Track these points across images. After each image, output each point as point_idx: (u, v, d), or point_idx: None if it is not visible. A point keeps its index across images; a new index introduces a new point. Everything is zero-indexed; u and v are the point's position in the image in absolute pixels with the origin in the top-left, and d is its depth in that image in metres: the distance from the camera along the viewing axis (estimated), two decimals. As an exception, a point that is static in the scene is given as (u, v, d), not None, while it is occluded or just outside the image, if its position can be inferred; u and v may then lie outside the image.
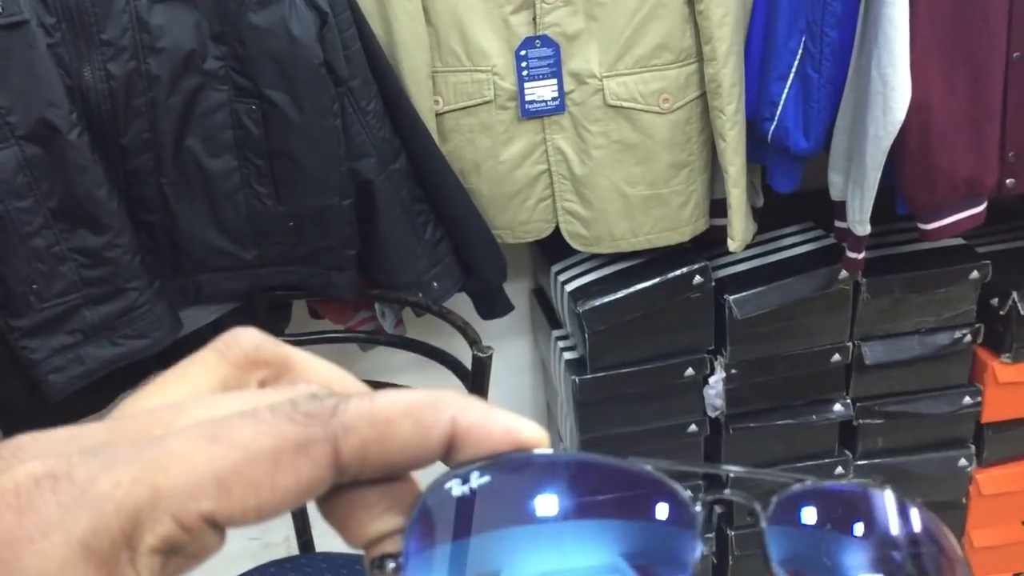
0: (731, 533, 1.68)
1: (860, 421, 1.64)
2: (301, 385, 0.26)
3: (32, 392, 1.26)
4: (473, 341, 1.26)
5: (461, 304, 1.51)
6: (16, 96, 1.14)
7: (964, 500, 1.72)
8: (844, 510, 0.31)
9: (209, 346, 0.27)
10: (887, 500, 0.31)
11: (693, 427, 1.63)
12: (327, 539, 1.51)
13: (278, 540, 1.90)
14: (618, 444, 1.60)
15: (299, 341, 1.53)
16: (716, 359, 1.59)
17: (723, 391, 1.59)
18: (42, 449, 0.23)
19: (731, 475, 0.33)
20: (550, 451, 0.27)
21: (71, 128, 1.16)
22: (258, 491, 0.23)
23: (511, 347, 1.86)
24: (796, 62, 1.33)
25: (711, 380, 1.60)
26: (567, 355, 1.63)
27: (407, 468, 0.26)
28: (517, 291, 1.74)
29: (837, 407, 1.63)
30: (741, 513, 1.63)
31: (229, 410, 0.24)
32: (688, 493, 0.28)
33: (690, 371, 1.58)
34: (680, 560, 0.28)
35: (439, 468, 0.26)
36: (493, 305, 1.57)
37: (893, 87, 1.24)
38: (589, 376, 1.56)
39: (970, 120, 1.29)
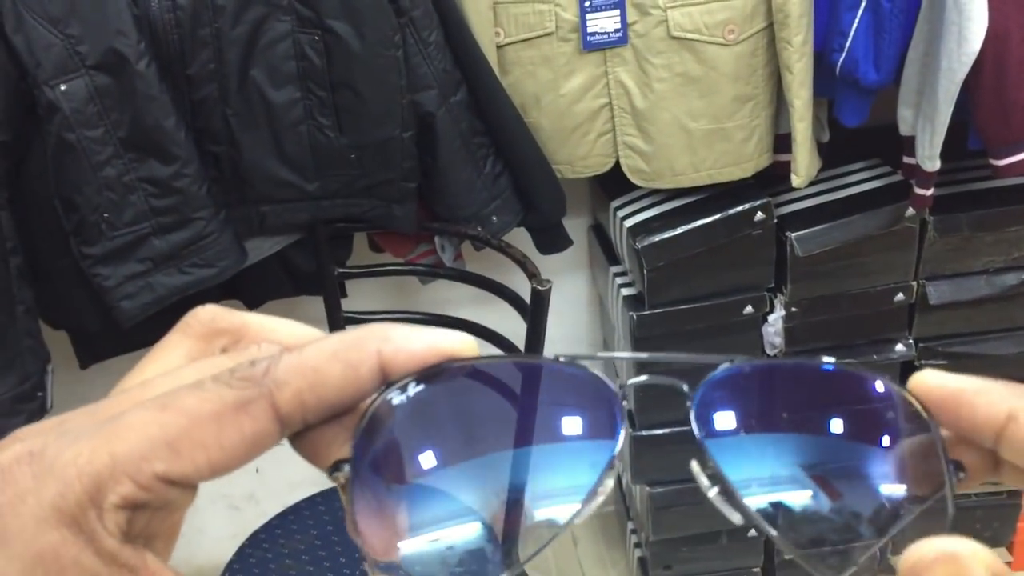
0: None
1: (922, 361, 1.62)
2: (252, 348, 0.30)
3: (107, 319, 1.30)
4: (532, 275, 1.26)
5: (520, 238, 1.52)
6: (86, 26, 1.16)
7: (1027, 443, 1.70)
8: (785, 389, 0.31)
9: (174, 328, 0.31)
10: (834, 376, 0.31)
11: (751, 365, 1.62)
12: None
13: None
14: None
15: (360, 273, 1.55)
16: (776, 297, 1.58)
17: (782, 329, 1.58)
18: (31, 433, 0.27)
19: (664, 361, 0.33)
20: (484, 355, 0.29)
21: (139, 58, 1.18)
22: (207, 449, 0.27)
23: (569, 282, 1.86)
24: (868, -9, 1.29)
25: (770, 318, 1.59)
26: (625, 291, 1.63)
27: (349, 404, 0.28)
28: (576, 226, 1.74)
29: (899, 347, 1.61)
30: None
31: (184, 382, 0.28)
32: (612, 384, 0.30)
33: (749, 309, 1.57)
34: (604, 445, 0.29)
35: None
36: (552, 240, 1.57)
37: (969, 16, 1.19)
38: (647, 312, 1.56)
39: (1050, 51, 1.25)
